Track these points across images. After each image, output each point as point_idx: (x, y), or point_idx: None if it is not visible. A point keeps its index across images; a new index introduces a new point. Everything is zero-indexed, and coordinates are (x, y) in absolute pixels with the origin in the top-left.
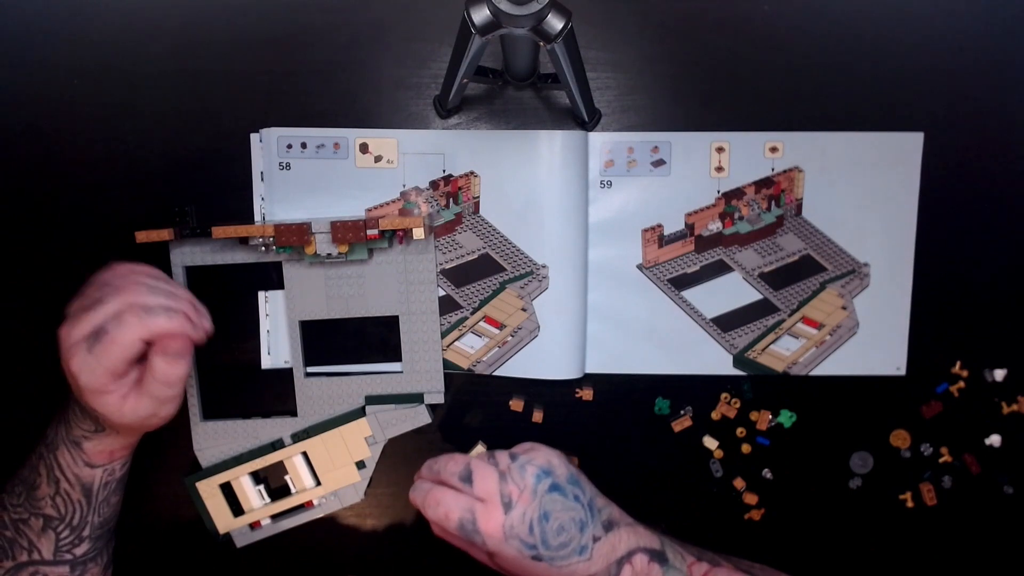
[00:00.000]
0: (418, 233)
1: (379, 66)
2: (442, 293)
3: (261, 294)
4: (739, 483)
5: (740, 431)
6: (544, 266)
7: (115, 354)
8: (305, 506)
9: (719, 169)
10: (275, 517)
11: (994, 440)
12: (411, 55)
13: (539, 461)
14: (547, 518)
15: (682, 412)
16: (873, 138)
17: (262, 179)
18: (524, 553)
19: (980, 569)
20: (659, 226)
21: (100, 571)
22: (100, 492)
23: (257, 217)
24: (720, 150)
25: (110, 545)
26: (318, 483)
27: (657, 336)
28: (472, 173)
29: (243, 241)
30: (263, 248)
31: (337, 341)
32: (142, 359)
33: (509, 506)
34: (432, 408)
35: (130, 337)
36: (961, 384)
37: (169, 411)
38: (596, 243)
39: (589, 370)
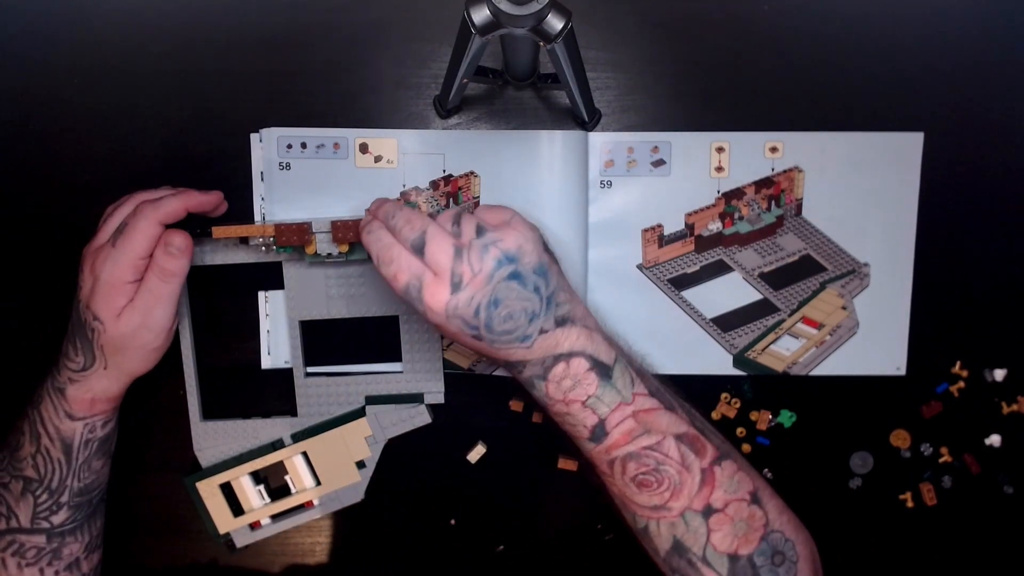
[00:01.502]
0: None
1: (379, 66)
2: None
3: (261, 294)
4: None
5: (740, 431)
6: None
7: (136, 241)
8: (305, 506)
9: (719, 169)
10: (275, 517)
11: (994, 440)
12: (411, 55)
13: (506, 245)
14: (496, 304)
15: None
16: (873, 138)
17: (262, 179)
18: (464, 332)
19: (980, 569)
20: (659, 226)
21: (81, 548)
22: (80, 451)
23: (257, 217)
24: (720, 150)
25: (93, 523)
26: (318, 483)
27: (657, 336)
28: (472, 173)
29: (243, 241)
30: (263, 248)
31: (337, 341)
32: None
33: (458, 287)
34: (432, 408)
35: (148, 223)
36: (961, 384)
37: (152, 340)
38: (596, 243)
39: None
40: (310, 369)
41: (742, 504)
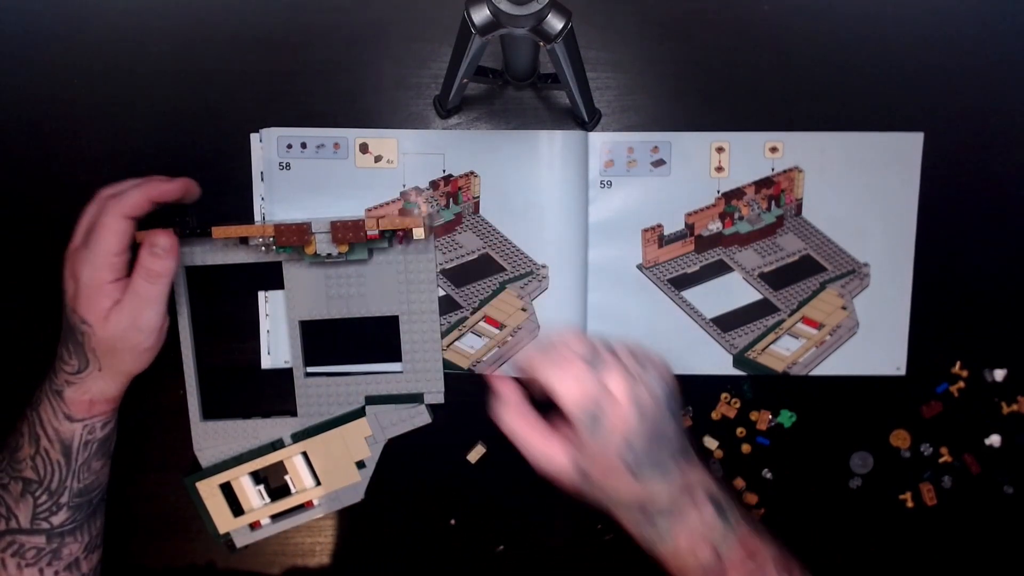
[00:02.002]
0: (418, 233)
1: (379, 66)
2: (442, 293)
3: (261, 294)
4: (739, 483)
5: (740, 431)
6: (544, 266)
7: (105, 239)
8: (305, 506)
9: (719, 169)
10: (275, 517)
11: (994, 440)
12: (411, 55)
13: (670, 380)
14: (662, 436)
15: (682, 412)
16: (873, 138)
17: (262, 179)
18: (622, 458)
19: (980, 569)
20: (659, 226)
21: (80, 549)
22: (80, 453)
23: (257, 217)
24: (720, 150)
25: (93, 523)
26: (318, 483)
27: (657, 336)
28: (472, 173)
29: (243, 241)
30: (263, 248)
31: (337, 341)
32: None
33: (642, 413)
34: (432, 408)
35: (114, 218)
36: (961, 384)
37: (143, 340)
38: (596, 243)
39: None
40: (310, 369)
41: None
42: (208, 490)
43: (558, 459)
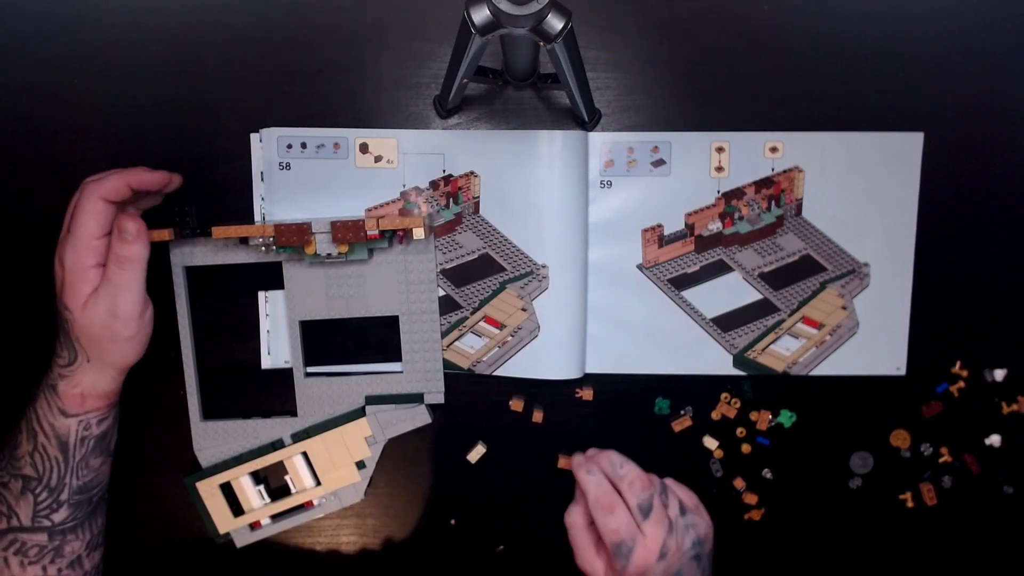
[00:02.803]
0: (418, 233)
1: (379, 66)
2: (442, 293)
3: (261, 294)
4: (739, 483)
5: (740, 431)
6: (544, 266)
7: (84, 222)
8: (305, 506)
9: (719, 169)
10: (275, 517)
11: (994, 440)
12: (411, 55)
13: (701, 531)
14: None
15: (682, 412)
16: (873, 138)
17: (262, 179)
18: None
19: (980, 569)
20: (659, 226)
21: (82, 546)
22: (77, 449)
23: (257, 217)
24: (720, 150)
25: (94, 521)
26: (318, 483)
27: (657, 336)
28: (472, 173)
29: (243, 241)
30: (263, 248)
31: (337, 341)
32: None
33: (664, 556)
34: (432, 408)
35: (90, 201)
36: (961, 384)
37: (123, 328)
38: (596, 243)
39: (589, 370)
40: (310, 369)
41: None
42: (208, 490)
43: (597, 571)
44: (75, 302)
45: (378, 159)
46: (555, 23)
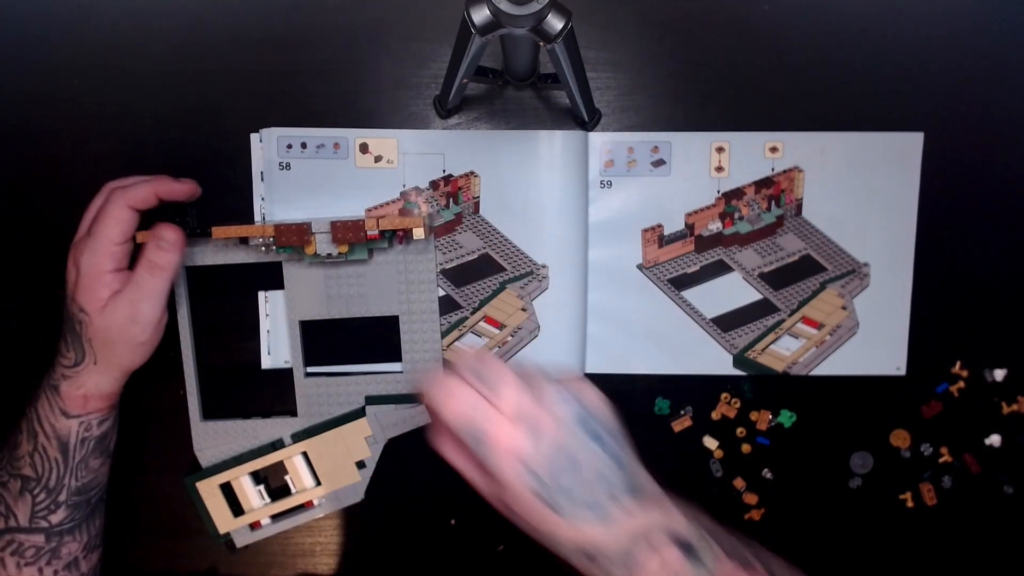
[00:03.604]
0: (418, 233)
1: (379, 66)
2: (442, 293)
3: (261, 294)
4: (739, 483)
5: (740, 431)
6: (544, 266)
7: (108, 227)
8: (305, 506)
9: (719, 169)
10: (275, 517)
11: (994, 440)
12: (411, 55)
13: (587, 399)
14: (573, 463)
15: (682, 412)
16: (873, 138)
17: (262, 179)
18: (530, 489)
19: (980, 569)
20: (659, 226)
21: (79, 548)
22: (77, 450)
23: (257, 217)
24: (720, 150)
25: (92, 523)
26: (318, 483)
27: (657, 336)
28: (472, 173)
29: (243, 241)
30: (263, 248)
31: (337, 341)
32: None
33: (536, 433)
34: None
35: (117, 207)
36: (961, 384)
37: (140, 333)
38: (596, 243)
39: (589, 370)
40: (310, 369)
41: None
42: (208, 490)
43: (482, 486)
44: (93, 305)
45: (378, 159)
46: (555, 23)
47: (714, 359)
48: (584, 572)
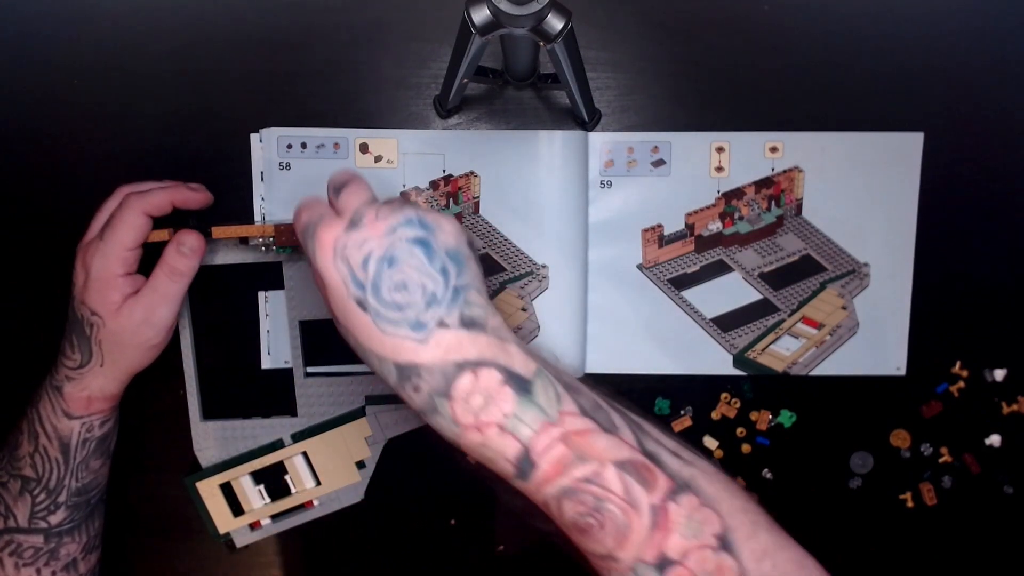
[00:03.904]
0: None
1: (379, 66)
2: None
3: (261, 294)
4: (739, 483)
5: (740, 431)
6: (544, 266)
7: (123, 233)
8: (305, 506)
9: (719, 169)
10: (275, 517)
11: (994, 440)
12: (411, 55)
13: (424, 214)
14: (390, 263)
15: (682, 412)
16: (873, 138)
17: (262, 179)
18: (348, 287)
19: (980, 569)
20: (659, 226)
21: (78, 549)
22: (78, 451)
23: (257, 217)
24: (720, 150)
25: (91, 524)
26: (318, 483)
27: (657, 336)
28: (472, 173)
29: (243, 241)
30: (263, 248)
31: (337, 341)
32: (146, 275)
33: (356, 224)
34: None
35: (133, 214)
36: (961, 384)
37: (153, 336)
38: (596, 243)
39: (589, 370)
40: (310, 369)
41: (706, 552)
42: (208, 490)
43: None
44: (106, 308)
45: (378, 159)
46: (555, 23)
47: (714, 359)
48: (395, 391)
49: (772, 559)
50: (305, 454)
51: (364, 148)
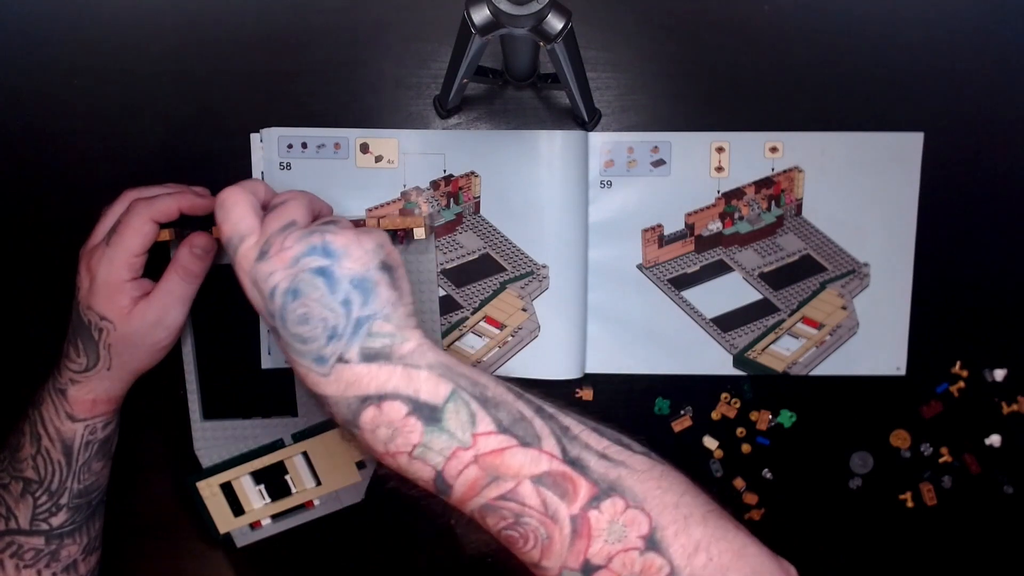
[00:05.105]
0: (419, 233)
1: (379, 66)
2: (442, 293)
3: None
4: (739, 483)
5: (740, 431)
6: (544, 266)
7: (131, 239)
8: (305, 506)
9: (719, 169)
10: (275, 517)
11: (994, 440)
12: (411, 55)
13: (331, 239)
14: (294, 295)
15: (682, 412)
16: (873, 138)
17: (262, 179)
18: (264, 315)
19: (980, 569)
20: (659, 226)
21: (79, 550)
22: (81, 453)
23: None
24: (720, 150)
25: (92, 525)
26: (318, 483)
27: (657, 336)
28: (472, 173)
29: None
30: None
31: None
32: (155, 277)
33: (264, 256)
34: None
35: (141, 220)
36: (961, 384)
37: (165, 338)
38: (596, 243)
39: (589, 370)
40: None
41: (631, 554)
42: (208, 490)
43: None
44: (116, 312)
45: (378, 159)
46: (555, 23)
47: (714, 359)
48: (320, 408)
49: (707, 552)
50: (305, 454)
51: (364, 148)
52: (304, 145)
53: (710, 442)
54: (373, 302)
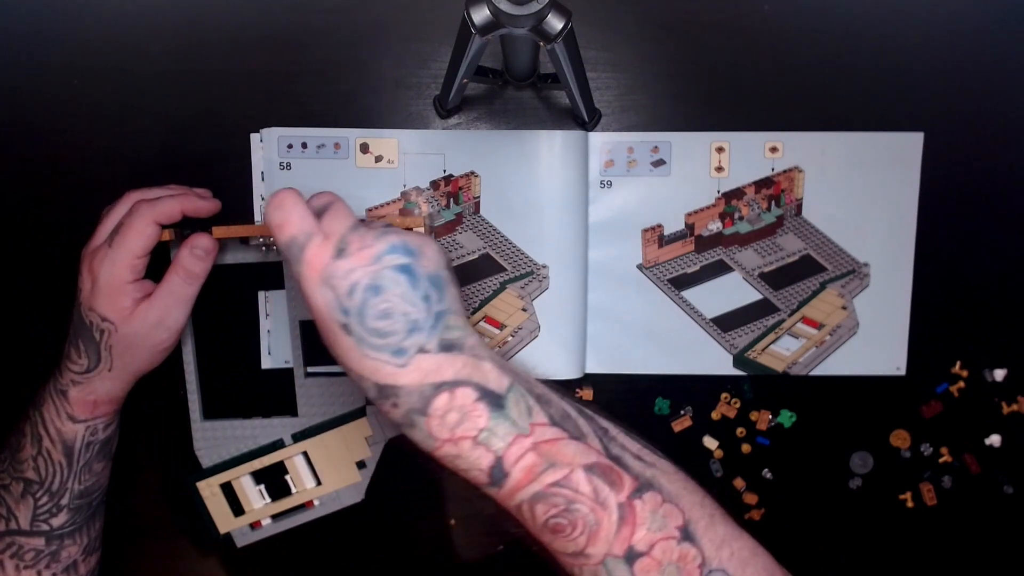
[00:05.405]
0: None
1: (379, 66)
2: None
3: (261, 294)
4: (739, 483)
5: (740, 431)
6: (544, 266)
7: (133, 241)
8: (305, 506)
9: (719, 169)
10: (275, 517)
11: (994, 440)
12: (411, 55)
13: (407, 239)
14: (376, 291)
15: (682, 412)
16: (873, 138)
17: (262, 179)
18: (334, 313)
19: (980, 569)
20: (659, 226)
21: (79, 551)
22: (82, 454)
23: (257, 217)
24: (720, 150)
25: (92, 526)
26: (318, 483)
27: (657, 336)
28: (472, 173)
29: (243, 241)
30: (263, 248)
31: None
32: (156, 279)
33: (342, 253)
34: None
35: (144, 222)
36: (961, 384)
37: (167, 339)
38: (596, 243)
39: (589, 370)
40: (310, 369)
41: (670, 543)
42: (208, 490)
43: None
44: (117, 313)
45: (378, 159)
46: (555, 23)
47: (714, 359)
48: (377, 407)
49: (730, 547)
50: (305, 454)
51: (364, 148)
52: (304, 145)
53: (710, 442)
54: (447, 298)
